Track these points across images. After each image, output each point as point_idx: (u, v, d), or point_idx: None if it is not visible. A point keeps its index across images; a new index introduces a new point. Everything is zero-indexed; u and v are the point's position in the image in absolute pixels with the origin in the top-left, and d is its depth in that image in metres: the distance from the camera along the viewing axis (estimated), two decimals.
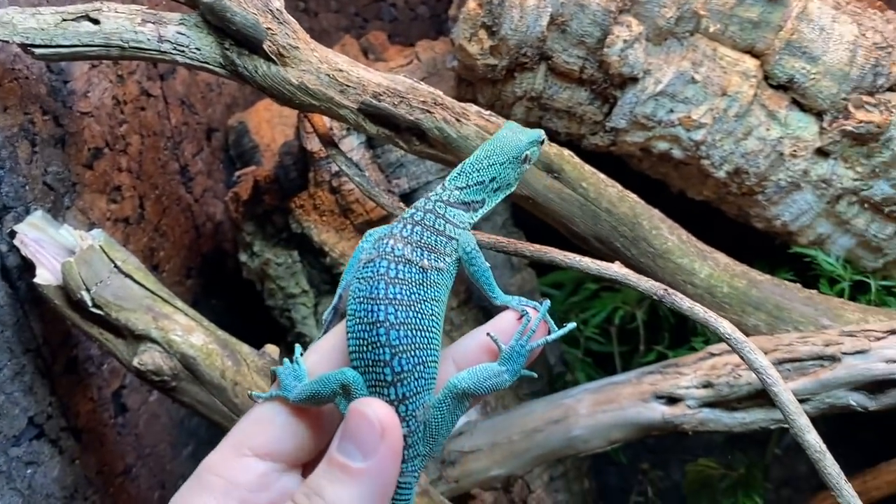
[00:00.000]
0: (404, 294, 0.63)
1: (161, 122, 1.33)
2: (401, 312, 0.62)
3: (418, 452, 0.64)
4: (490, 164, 0.74)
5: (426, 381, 0.63)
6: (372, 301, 0.62)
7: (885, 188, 1.14)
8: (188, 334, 1.01)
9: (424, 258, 0.65)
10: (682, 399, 1.04)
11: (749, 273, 1.08)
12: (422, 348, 0.63)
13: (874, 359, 0.94)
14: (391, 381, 0.62)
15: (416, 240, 0.66)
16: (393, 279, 0.63)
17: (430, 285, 0.65)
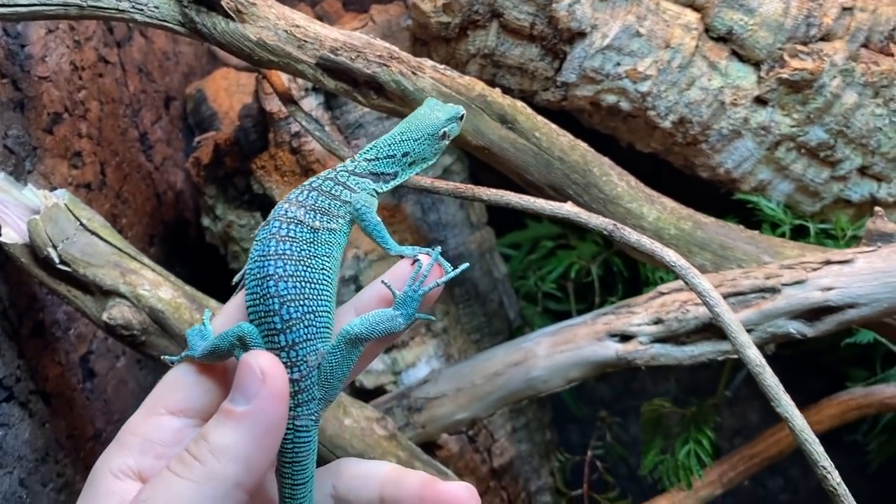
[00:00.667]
0: (293, 250, 0.67)
1: (119, 90, 1.34)
2: (289, 266, 0.67)
3: (313, 396, 0.67)
4: (404, 140, 0.78)
5: (316, 328, 0.67)
6: (263, 258, 0.67)
7: (819, 133, 1.21)
8: (156, 289, 1.04)
9: (316, 220, 0.69)
10: (635, 336, 1.10)
11: (694, 216, 1.14)
12: (310, 298, 0.67)
13: (811, 288, 1.01)
14: (280, 328, 0.66)
15: (310, 203, 0.70)
16: (283, 237, 0.67)
17: (321, 244, 0.69)
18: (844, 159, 1.23)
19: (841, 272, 1.00)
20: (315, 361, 0.67)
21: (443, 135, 0.80)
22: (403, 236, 1.35)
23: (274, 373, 0.60)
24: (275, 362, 0.61)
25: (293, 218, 0.69)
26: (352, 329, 0.67)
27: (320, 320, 0.67)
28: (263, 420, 0.59)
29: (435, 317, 0.74)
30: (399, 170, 0.78)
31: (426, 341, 1.38)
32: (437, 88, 1.05)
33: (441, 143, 0.80)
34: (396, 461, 1.11)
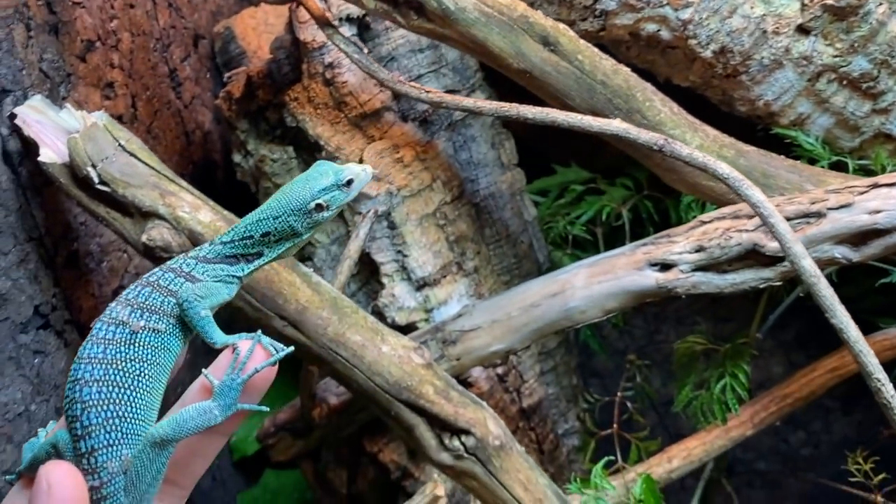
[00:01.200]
0: (106, 353, 0.66)
1: (150, 23, 1.33)
2: (97, 370, 0.65)
3: (119, 502, 0.65)
4: (263, 219, 0.74)
5: (121, 434, 0.65)
6: (77, 360, 0.66)
7: (863, 63, 1.19)
8: (196, 212, 1.03)
9: (140, 319, 0.67)
10: (676, 265, 1.09)
11: (737, 144, 1.12)
12: (117, 403, 0.65)
13: (858, 211, 1.00)
14: (80, 434, 0.64)
15: (139, 301, 0.68)
16: (99, 339, 0.66)
17: (139, 346, 0.67)
18: (887, 91, 1.21)
19: (890, 195, 0.98)
20: (118, 468, 0.64)
21: (317, 207, 0.73)
22: (436, 174, 1.34)
23: (60, 483, 0.59)
24: (66, 473, 0.60)
25: (115, 318, 0.67)
26: (156, 431, 0.64)
27: (126, 426, 0.64)
28: None
29: (267, 409, 0.70)
30: (262, 249, 0.74)
31: (457, 280, 1.37)
32: (479, 9, 1.03)
33: (317, 215, 0.74)
34: (433, 390, 1.11)
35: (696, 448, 1.39)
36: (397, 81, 1.04)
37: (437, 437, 1.11)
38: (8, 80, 1.02)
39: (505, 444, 1.13)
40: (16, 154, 1.04)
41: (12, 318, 1.05)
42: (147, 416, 0.66)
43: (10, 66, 1.02)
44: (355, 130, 1.29)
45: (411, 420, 1.10)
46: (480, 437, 1.11)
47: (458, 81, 1.34)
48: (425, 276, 1.33)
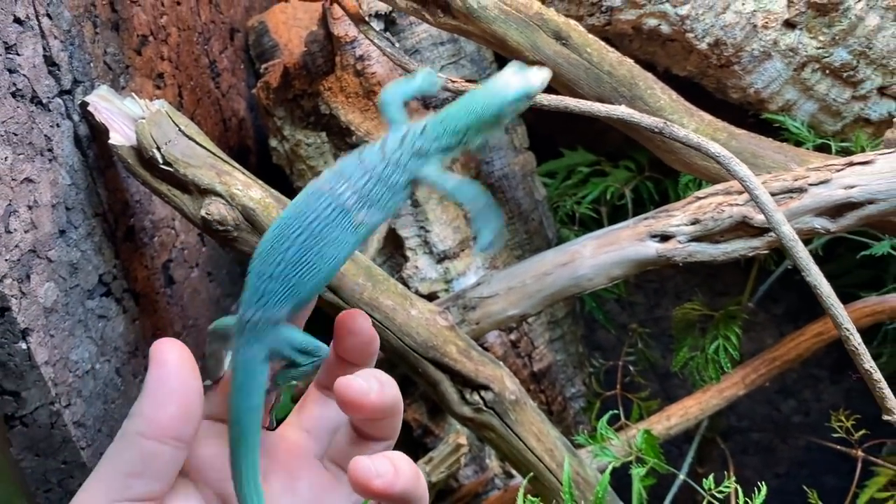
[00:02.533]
0: (314, 229, 0.68)
1: (193, 18, 1.45)
2: (293, 250, 0.68)
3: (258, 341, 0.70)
4: (468, 114, 0.75)
5: (292, 295, 0.68)
6: (285, 225, 0.69)
7: (843, 55, 1.31)
8: (248, 189, 1.15)
9: (362, 212, 0.70)
10: (674, 236, 1.22)
11: (728, 127, 1.25)
12: (300, 283, 0.68)
13: (835, 187, 1.12)
14: (253, 298, 0.69)
15: (367, 194, 0.70)
16: (316, 214, 0.69)
17: (348, 235, 0.70)
18: (865, 79, 1.33)
19: (863, 172, 1.11)
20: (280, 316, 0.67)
21: (510, 110, 0.76)
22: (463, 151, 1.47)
23: (162, 345, 0.62)
24: (171, 344, 0.62)
25: (341, 203, 0.68)
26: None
27: (300, 289, 0.67)
28: (150, 379, 0.61)
29: None
30: (461, 142, 0.75)
31: (474, 254, 1.50)
32: (499, 7, 1.15)
33: (504, 121, 0.78)
34: (456, 349, 1.23)
35: (692, 407, 1.53)
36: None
37: (458, 392, 1.24)
38: (79, 72, 1.15)
39: (520, 399, 1.26)
40: (85, 138, 1.17)
41: (81, 285, 1.18)
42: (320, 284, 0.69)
43: (80, 60, 1.15)
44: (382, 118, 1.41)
45: (436, 376, 1.23)
46: (498, 391, 1.23)
47: (475, 72, 1.47)
48: (446, 250, 1.46)
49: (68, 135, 1.12)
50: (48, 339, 1.08)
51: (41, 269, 1.06)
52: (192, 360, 0.61)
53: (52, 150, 1.08)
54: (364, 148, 0.73)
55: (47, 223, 1.07)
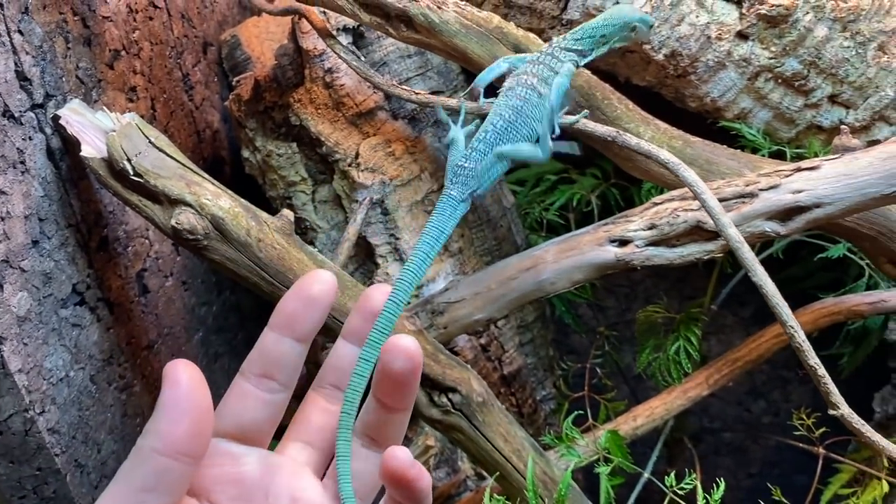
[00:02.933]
0: (524, 101, 1.07)
1: (166, 32, 1.49)
2: (508, 112, 1.07)
3: (470, 177, 1.06)
4: (604, 25, 1.10)
5: (506, 140, 1.06)
6: (506, 95, 1.08)
7: (794, 64, 1.36)
8: (217, 199, 1.19)
9: (543, 87, 1.07)
10: (632, 240, 1.26)
11: (684, 135, 1.30)
12: (515, 127, 1.07)
13: (784, 191, 1.17)
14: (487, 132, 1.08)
15: (539, 75, 1.08)
16: (519, 95, 1.08)
17: (538, 102, 1.07)
18: (816, 88, 1.38)
19: (810, 177, 1.16)
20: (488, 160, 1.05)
21: (633, 28, 1.11)
22: (424, 165, 1.51)
23: (176, 366, 0.65)
24: (185, 365, 0.66)
25: (529, 84, 1.06)
26: (501, 150, 1.04)
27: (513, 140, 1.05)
28: (164, 398, 0.64)
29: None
30: (594, 48, 1.11)
31: (444, 260, 1.54)
32: (460, 21, 1.20)
33: (630, 34, 1.12)
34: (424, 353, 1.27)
35: (658, 407, 1.57)
36: (390, 85, 1.21)
37: (427, 395, 1.27)
38: (51, 87, 1.18)
39: (487, 401, 1.30)
40: (57, 151, 1.20)
41: (55, 294, 1.21)
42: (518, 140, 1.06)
43: (52, 74, 1.18)
44: (352, 128, 1.45)
45: None
46: (465, 394, 1.27)
47: (442, 83, 1.51)
48: None
49: (41, 147, 1.15)
50: (22, 347, 1.10)
51: (14, 279, 1.09)
52: (203, 380, 0.64)
53: (24, 162, 1.11)
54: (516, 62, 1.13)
55: (20, 234, 1.10)
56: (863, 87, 1.38)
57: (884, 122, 1.41)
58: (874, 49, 1.35)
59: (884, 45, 1.35)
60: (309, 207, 1.51)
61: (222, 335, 1.79)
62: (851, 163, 1.14)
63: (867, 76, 1.37)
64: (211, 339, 1.74)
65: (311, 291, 0.76)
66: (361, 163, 1.43)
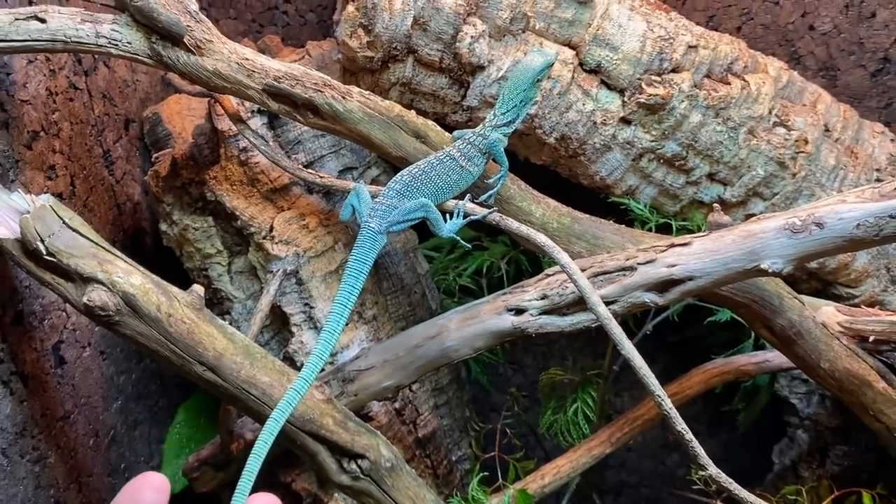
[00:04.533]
0: (441, 169, 1.25)
1: (86, 112, 1.54)
2: (426, 177, 1.24)
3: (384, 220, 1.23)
4: (518, 90, 1.25)
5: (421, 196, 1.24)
6: (424, 166, 1.25)
7: (673, 147, 1.49)
8: (128, 276, 1.23)
9: (467, 163, 1.26)
10: (526, 309, 1.35)
11: (572, 213, 1.40)
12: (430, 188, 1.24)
13: (659, 265, 1.27)
14: (395, 190, 1.24)
15: (465, 153, 1.26)
16: (438, 166, 1.25)
17: (457, 173, 1.25)
18: (695, 167, 1.52)
19: (682, 252, 1.27)
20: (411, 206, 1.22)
21: (540, 78, 1.25)
22: (337, 237, 1.58)
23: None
24: None
25: (453, 158, 1.23)
26: (423, 201, 1.23)
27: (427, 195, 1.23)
28: None
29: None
30: (518, 113, 1.26)
31: (358, 327, 1.61)
32: (363, 110, 1.29)
33: (540, 84, 1.27)
34: (332, 421, 1.32)
35: (564, 466, 1.64)
36: (296, 169, 1.28)
37: (337, 462, 1.32)
38: None
39: (395, 466, 1.35)
40: None
41: None
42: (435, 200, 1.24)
43: None
44: (267, 203, 1.53)
45: (314, 447, 1.30)
46: (374, 459, 1.32)
47: (355, 160, 1.59)
48: None
49: None
50: None
51: None
52: None
53: None
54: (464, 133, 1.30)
55: None
56: (737, 166, 1.51)
57: (758, 198, 1.55)
58: (745, 133, 1.49)
59: (753, 130, 1.50)
60: (225, 278, 1.57)
61: (142, 402, 1.81)
62: (718, 240, 1.25)
63: (740, 157, 1.50)
64: (130, 407, 1.76)
65: (142, 500, 0.73)
66: (276, 235, 1.50)
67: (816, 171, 1.52)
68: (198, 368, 1.26)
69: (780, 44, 1.78)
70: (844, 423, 1.83)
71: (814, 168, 1.52)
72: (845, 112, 1.59)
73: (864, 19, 1.73)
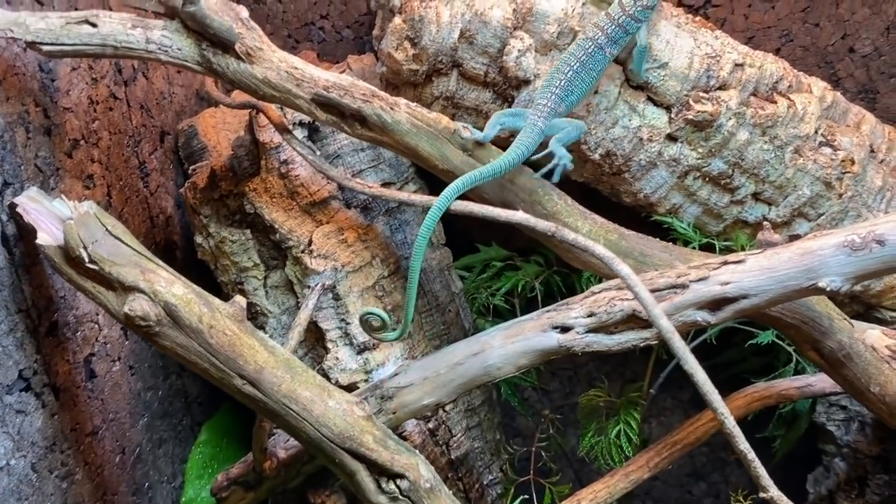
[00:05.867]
0: (588, 59, 1.37)
1: (125, 122, 1.53)
2: (573, 72, 1.38)
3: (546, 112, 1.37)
4: None
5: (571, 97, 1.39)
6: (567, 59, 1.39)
7: (720, 165, 1.48)
8: (170, 286, 1.21)
9: (613, 48, 1.38)
10: (573, 327, 1.32)
11: (619, 229, 1.38)
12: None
13: (712, 283, 1.25)
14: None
15: (612, 35, 1.36)
16: (584, 54, 1.38)
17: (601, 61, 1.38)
18: (741, 186, 1.50)
19: (735, 270, 1.24)
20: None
21: None
22: (375, 252, 1.56)
23: None
24: None
25: (600, 45, 1.34)
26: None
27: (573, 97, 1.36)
28: None
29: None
30: (648, 14, 1.36)
31: (394, 344, 1.57)
32: (411, 121, 1.27)
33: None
34: (372, 439, 1.28)
35: (601, 491, 1.59)
36: (345, 178, 1.27)
37: (375, 482, 1.28)
38: (10, 175, 1.20)
39: (434, 487, 1.31)
40: (12, 237, 1.22)
41: (0, 380, 1.20)
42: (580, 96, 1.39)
43: (11, 163, 1.20)
44: (305, 216, 1.51)
45: (353, 466, 1.27)
46: (413, 480, 1.28)
47: (393, 175, 1.58)
48: (365, 341, 1.53)
49: None
50: None
51: None
52: None
53: None
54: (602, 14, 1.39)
55: None
56: (782, 186, 1.49)
57: (803, 218, 1.53)
58: (791, 152, 1.48)
59: (800, 149, 1.48)
60: (260, 292, 1.54)
61: (167, 420, 1.78)
62: (773, 257, 1.23)
63: (786, 176, 1.48)
64: (156, 425, 1.73)
65: None
66: (314, 249, 1.47)
67: (863, 192, 1.50)
68: (237, 382, 1.23)
69: (820, 66, 1.77)
70: (885, 451, 1.79)
71: (860, 189, 1.50)
72: (890, 133, 1.58)
73: None
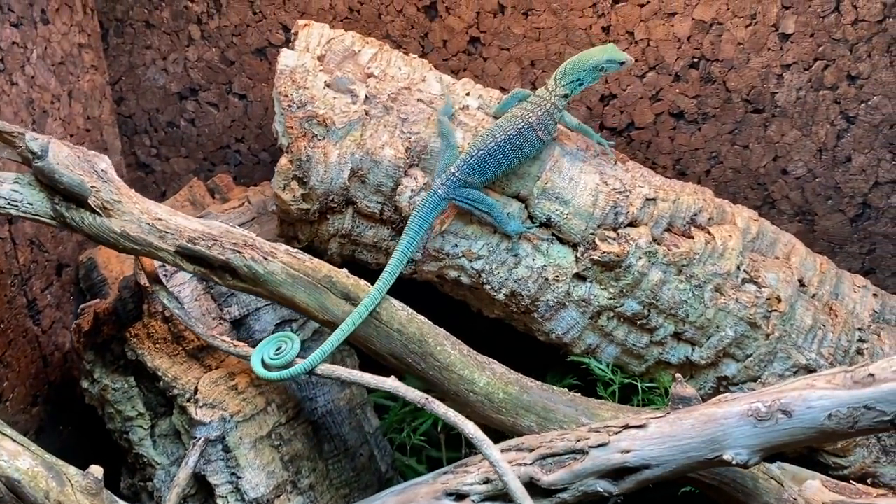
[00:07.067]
0: (514, 137, 1.31)
1: (9, 262, 1.45)
2: (501, 144, 1.31)
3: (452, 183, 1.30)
4: (581, 69, 1.33)
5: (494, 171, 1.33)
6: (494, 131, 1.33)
7: (633, 305, 1.38)
8: (14, 459, 1.11)
9: (539, 130, 1.31)
10: (468, 495, 1.20)
11: (521, 380, 1.27)
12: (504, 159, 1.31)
13: (612, 450, 1.13)
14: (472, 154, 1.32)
15: (539, 117, 1.32)
16: (514, 132, 1.32)
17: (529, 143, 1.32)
18: (659, 327, 1.39)
19: (637, 436, 1.13)
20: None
21: (601, 69, 1.33)
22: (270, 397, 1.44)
23: None
24: None
25: (529, 123, 1.29)
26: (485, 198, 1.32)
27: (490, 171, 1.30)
28: None
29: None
30: (573, 90, 1.32)
31: (292, 499, 1.45)
32: (287, 272, 1.19)
33: (601, 74, 1.34)
34: None
35: None
36: (209, 336, 1.17)
37: None
38: None
39: None
40: None
41: None
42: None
43: None
44: (192, 361, 1.41)
45: None
46: None
47: (291, 313, 1.48)
48: (258, 497, 1.40)
49: None
50: None
51: None
52: None
53: None
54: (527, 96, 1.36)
55: None
56: (703, 326, 1.39)
57: (730, 359, 1.42)
58: (711, 291, 1.38)
59: (720, 287, 1.38)
60: (147, 442, 1.43)
61: None
62: (676, 423, 1.12)
63: (706, 317, 1.38)
64: None
65: None
66: (200, 398, 1.37)
67: (792, 332, 1.40)
68: None
69: (753, 187, 1.69)
70: None
71: (788, 328, 1.39)
72: (822, 265, 1.48)
73: (840, 164, 1.64)
